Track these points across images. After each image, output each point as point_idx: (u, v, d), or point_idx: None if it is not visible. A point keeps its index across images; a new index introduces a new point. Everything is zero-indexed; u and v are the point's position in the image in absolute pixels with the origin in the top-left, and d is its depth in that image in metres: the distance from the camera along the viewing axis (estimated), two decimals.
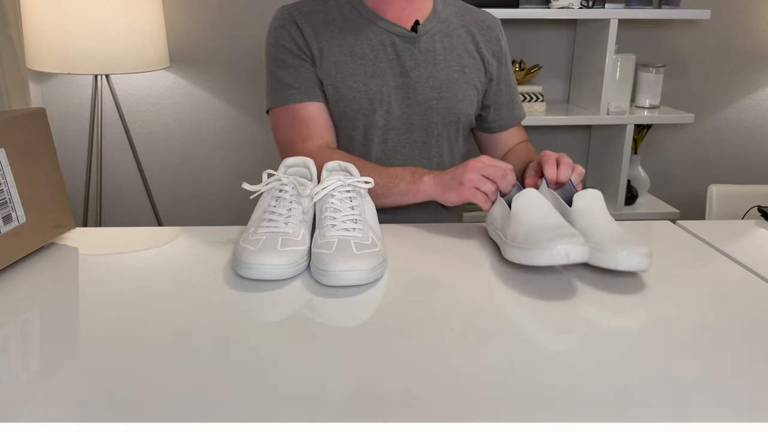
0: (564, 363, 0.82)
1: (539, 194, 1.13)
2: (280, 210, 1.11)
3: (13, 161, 1.08)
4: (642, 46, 2.80)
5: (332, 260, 1.01)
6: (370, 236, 1.08)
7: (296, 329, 0.89)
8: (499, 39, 1.59)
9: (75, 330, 0.89)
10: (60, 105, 2.67)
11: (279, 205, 1.12)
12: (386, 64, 1.48)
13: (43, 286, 1.03)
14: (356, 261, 1.01)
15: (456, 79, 1.51)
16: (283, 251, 1.03)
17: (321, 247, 1.05)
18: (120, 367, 0.80)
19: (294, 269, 1.04)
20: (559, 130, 2.89)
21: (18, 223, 1.08)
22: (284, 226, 1.09)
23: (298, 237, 1.08)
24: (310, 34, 1.48)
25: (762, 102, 2.95)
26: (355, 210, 1.11)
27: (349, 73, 1.46)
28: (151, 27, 2.32)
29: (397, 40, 1.49)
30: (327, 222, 1.09)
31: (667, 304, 0.99)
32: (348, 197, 1.13)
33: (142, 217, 2.83)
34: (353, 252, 1.02)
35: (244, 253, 1.03)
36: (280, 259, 1.02)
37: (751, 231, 1.34)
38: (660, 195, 2.91)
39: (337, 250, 1.02)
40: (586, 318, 0.94)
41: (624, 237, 1.05)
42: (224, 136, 2.76)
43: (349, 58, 1.47)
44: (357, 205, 1.13)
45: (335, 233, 1.07)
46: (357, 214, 1.11)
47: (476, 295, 1.01)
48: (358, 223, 1.09)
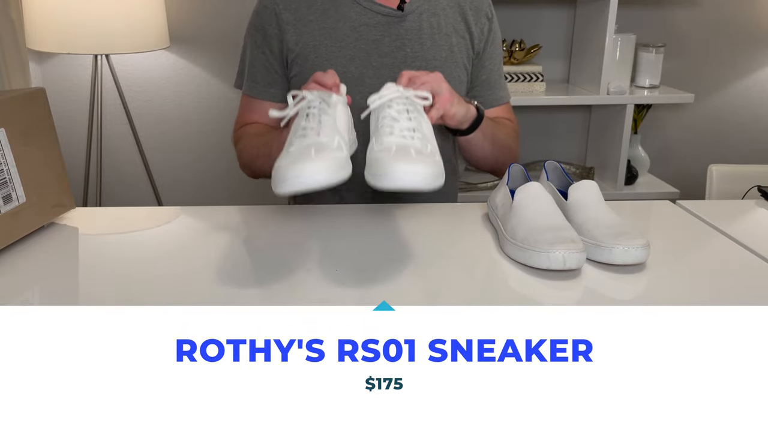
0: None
1: (543, 190, 1.13)
2: (311, 124, 1.06)
3: (13, 141, 1.08)
4: (642, 26, 2.78)
5: (393, 162, 0.96)
6: (429, 147, 1.04)
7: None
8: (489, 17, 1.56)
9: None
10: (60, 85, 2.66)
11: (309, 121, 1.07)
12: (369, 45, 1.46)
13: (43, 266, 1.04)
14: (416, 164, 0.96)
15: (444, 58, 1.49)
16: (318, 158, 0.97)
17: (378, 152, 1.00)
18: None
19: (332, 175, 0.97)
20: (559, 110, 2.88)
21: (18, 203, 1.08)
22: (316, 136, 1.03)
23: (333, 144, 1.02)
24: (289, 20, 1.46)
25: (762, 82, 2.94)
26: (413, 122, 1.07)
27: (328, 56, 1.45)
28: (151, 7, 2.31)
29: (381, 19, 1.47)
30: (384, 130, 1.05)
31: (666, 284, 0.99)
32: (405, 109, 1.09)
33: (141, 197, 2.83)
34: (413, 156, 0.97)
35: (279, 170, 0.97)
36: (315, 165, 0.95)
37: (750, 211, 1.35)
38: (660, 175, 2.91)
39: (397, 153, 0.98)
40: (585, 298, 0.95)
41: (620, 230, 1.05)
42: (224, 116, 2.75)
43: (329, 41, 1.45)
44: (414, 117, 1.09)
45: (393, 140, 1.02)
46: (415, 125, 1.06)
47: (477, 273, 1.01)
48: (416, 132, 1.05)
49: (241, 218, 1.26)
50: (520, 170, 1.28)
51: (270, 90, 1.50)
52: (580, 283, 0.99)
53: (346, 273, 1.02)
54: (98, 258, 1.07)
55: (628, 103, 2.56)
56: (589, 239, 1.05)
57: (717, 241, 1.17)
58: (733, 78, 2.92)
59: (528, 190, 1.13)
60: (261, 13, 1.50)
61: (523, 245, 1.03)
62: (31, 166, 1.11)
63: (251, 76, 1.52)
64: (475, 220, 1.25)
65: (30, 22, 2.25)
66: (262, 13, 1.49)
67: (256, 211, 1.29)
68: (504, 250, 1.09)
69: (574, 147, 2.95)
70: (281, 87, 1.50)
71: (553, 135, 2.92)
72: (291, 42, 1.46)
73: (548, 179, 1.25)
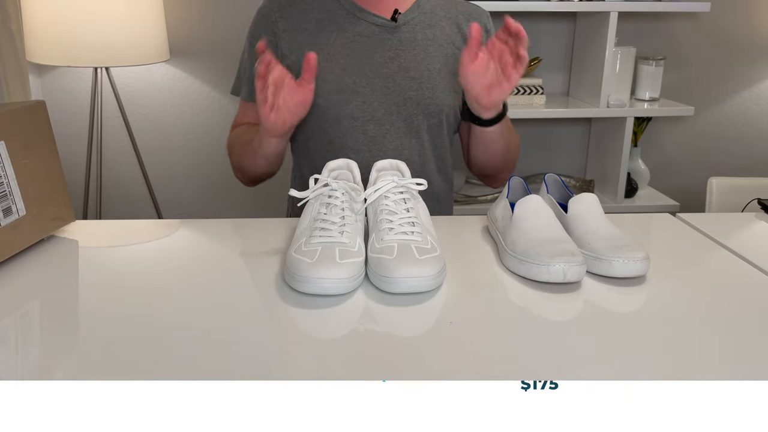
0: (563, 354, 0.82)
1: (543, 203, 1.13)
2: (333, 218, 1.04)
3: (13, 154, 1.08)
4: (642, 39, 2.79)
5: (395, 267, 0.96)
6: (429, 240, 1.04)
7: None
8: (487, 30, 1.57)
9: (74, 322, 0.89)
10: (60, 98, 2.67)
11: (330, 212, 1.06)
12: (363, 55, 1.47)
13: (42, 279, 1.03)
14: (420, 267, 0.96)
15: (438, 69, 1.50)
16: (343, 263, 0.96)
17: (381, 252, 1.00)
18: (119, 360, 0.80)
19: (354, 282, 0.97)
20: (559, 122, 2.89)
21: (18, 216, 1.08)
22: (339, 235, 1.02)
23: (354, 247, 1.01)
24: (284, 28, 1.49)
25: (762, 94, 2.95)
26: (411, 212, 1.07)
27: (322, 66, 1.45)
28: (151, 20, 2.31)
29: (376, 30, 1.48)
30: (383, 225, 1.05)
31: (667, 297, 0.99)
32: (402, 199, 1.08)
33: (141, 210, 2.83)
34: (416, 257, 0.98)
35: (301, 266, 0.96)
36: (341, 272, 0.95)
37: (750, 223, 1.34)
38: (660, 188, 2.91)
39: (399, 255, 0.98)
40: (585, 311, 0.94)
41: (620, 242, 1.05)
42: (224, 129, 2.75)
43: (324, 51, 1.46)
44: (412, 207, 1.08)
45: (393, 237, 1.02)
46: (413, 217, 1.06)
47: (478, 286, 1.01)
48: (415, 226, 1.05)
49: (241, 231, 1.26)
50: (520, 183, 1.28)
51: None
52: (580, 296, 0.99)
53: None
54: (98, 271, 1.07)
55: (628, 115, 2.57)
56: (589, 252, 1.05)
57: (717, 254, 1.17)
58: (732, 91, 2.93)
59: (528, 202, 1.13)
60: (259, 21, 1.53)
61: (523, 258, 1.03)
62: (31, 179, 1.11)
63: (249, 82, 1.54)
64: (475, 233, 1.24)
65: (30, 35, 2.25)
66: (260, 21, 1.52)
67: (256, 224, 1.29)
68: (504, 262, 1.09)
69: (574, 160, 2.95)
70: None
71: (553, 148, 2.92)
72: (285, 49, 1.48)
73: (548, 192, 1.25)
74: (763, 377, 0.77)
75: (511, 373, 0.77)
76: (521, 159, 2.89)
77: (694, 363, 0.81)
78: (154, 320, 0.90)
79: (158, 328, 0.88)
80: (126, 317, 0.91)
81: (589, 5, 2.45)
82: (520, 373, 0.77)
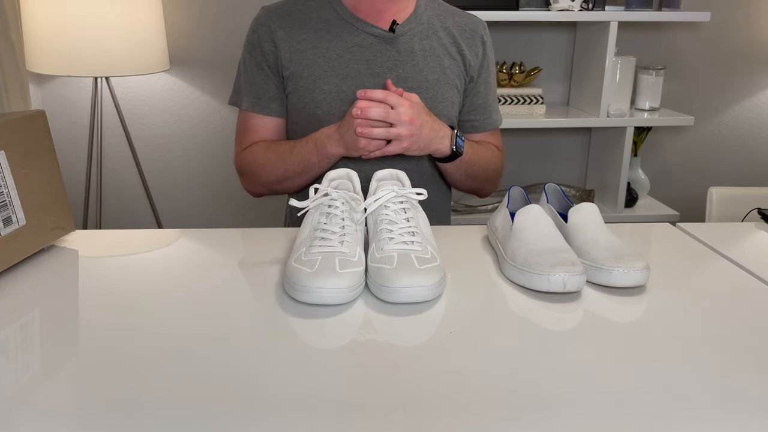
0: (563, 365, 0.82)
1: (543, 212, 1.13)
2: (333, 228, 1.05)
3: (13, 164, 1.08)
4: (642, 49, 2.80)
5: (395, 276, 0.96)
6: (429, 250, 1.04)
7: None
8: (484, 41, 1.57)
9: (75, 332, 0.89)
10: (60, 107, 2.67)
11: (330, 222, 1.06)
12: (361, 66, 1.47)
13: (42, 289, 1.03)
14: (420, 276, 0.96)
15: (436, 80, 1.50)
16: (343, 273, 0.96)
17: (381, 262, 1.00)
18: (119, 370, 0.80)
19: (354, 292, 0.98)
20: (559, 132, 2.89)
21: (18, 226, 1.08)
22: (339, 245, 1.02)
23: (354, 257, 1.01)
24: (283, 38, 1.48)
25: (762, 104, 2.95)
26: (411, 222, 1.07)
27: (321, 75, 1.46)
28: (151, 29, 2.32)
29: (374, 41, 1.48)
30: (383, 235, 1.05)
31: (667, 307, 0.99)
32: (402, 208, 1.08)
33: (141, 220, 2.83)
34: (416, 267, 0.98)
35: (301, 276, 0.96)
36: (341, 281, 0.95)
37: (751, 233, 1.34)
38: (660, 197, 2.91)
39: (399, 265, 0.98)
40: (585, 321, 0.94)
41: (620, 252, 1.05)
42: (224, 139, 2.76)
43: (322, 60, 1.47)
44: (412, 216, 1.08)
45: (393, 246, 1.02)
46: (413, 226, 1.06)
47: (478, 296, 1.01)
48: (415, 235, 1.05)
49: (241, 241, 1.26)
50: (520, 192, 1.28)
51: (271, 105, 1.52)
52: (580, 305, 0.99)
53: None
54: (98, 280, 1.07)
55: (628, 125, 2.57)
56: (589, 262, 1.05)
57: (717, 264, 1.17)
58: (732, 100, 2.93)
59: (528, 212, 1.13)
60: (257, 31, 1.52)
61: (523, 268, 1.03)
62: (31, 189, 1.11)
63: (252, 92, 1.53)
64: (475, 243, 1.24)
65: (30, 45, 2.26)
66: (259, 30, 1.51)
67: (256, 233, 1.29)
68: (504, 272, 1.09)
69: (574, 169, 2.95)
70: (281, 102, 1.52)
71: (553, 157, 2.92)
72: (285, 59, 1.48)
73: (548, 202, 1.25)
74: (765, 387, 0.77)
75: (511, 382, 0.77)
76: (521, 169, 2.90)
77: (694, 373, 0.81)
78: (154, 330, 0.90)
79: (158, 337, 0.88)
80: (126, 327, 0.90)
81: (589, 15, 2.46)
82: (520, 383, 0.77)
